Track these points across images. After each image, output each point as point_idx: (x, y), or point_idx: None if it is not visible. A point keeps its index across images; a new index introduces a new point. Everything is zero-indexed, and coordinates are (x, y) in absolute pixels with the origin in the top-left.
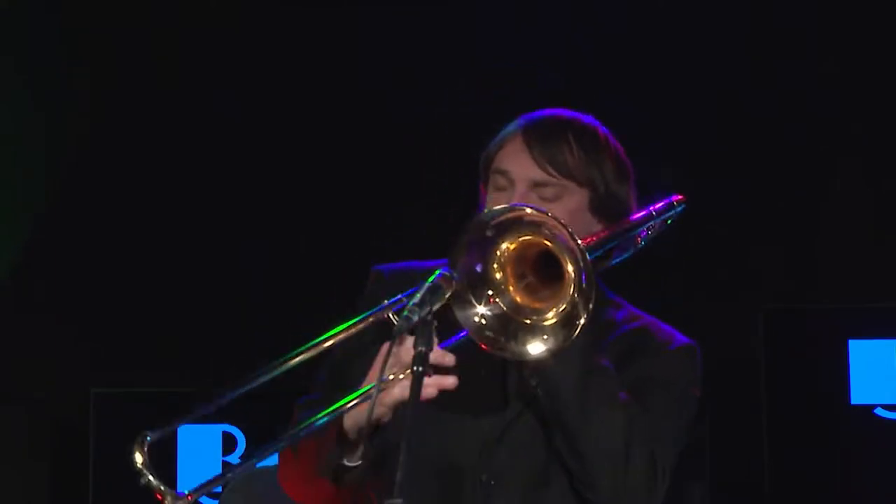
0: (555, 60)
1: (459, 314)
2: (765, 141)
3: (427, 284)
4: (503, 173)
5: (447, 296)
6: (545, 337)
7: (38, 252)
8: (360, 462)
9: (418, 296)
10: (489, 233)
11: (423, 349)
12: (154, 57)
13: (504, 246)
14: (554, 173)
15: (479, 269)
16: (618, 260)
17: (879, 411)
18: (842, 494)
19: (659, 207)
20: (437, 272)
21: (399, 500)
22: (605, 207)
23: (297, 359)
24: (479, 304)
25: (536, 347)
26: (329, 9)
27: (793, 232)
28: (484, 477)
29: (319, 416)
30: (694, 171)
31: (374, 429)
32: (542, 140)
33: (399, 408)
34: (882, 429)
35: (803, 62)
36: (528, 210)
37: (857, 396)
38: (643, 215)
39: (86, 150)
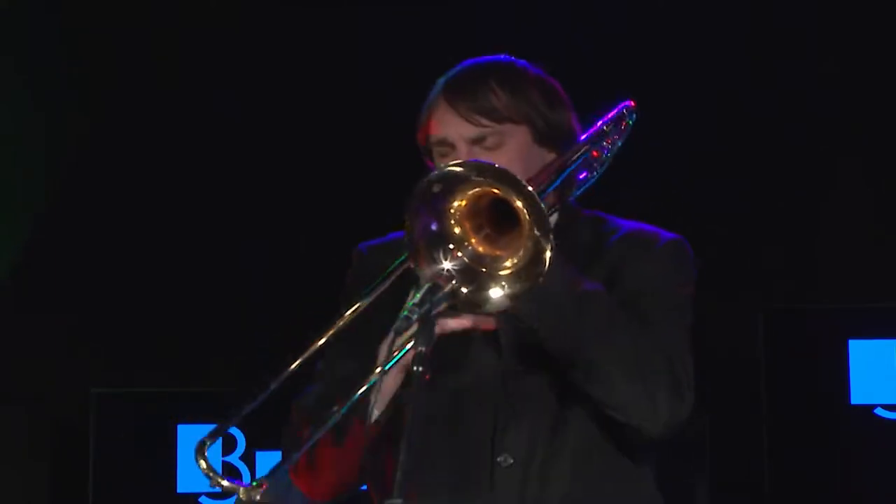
0: (555, 60)
1: (424, 272)
2: (765, 141)
3: (427, 284)
4: (440, 140)
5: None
6: (515, 282)
7: (38, 252)
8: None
9: (418, 295)
10: (436, 189)
11: (423, 349)
12: (154, 57)
13: (456, 202)
14: (486, 122)
15: (434, 227)
16: (586, 185)
17: (879, 411)
18: (842, 494)
19: (608, 119)
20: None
21: (399, 501)
22: (551, 137)
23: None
24: (444, 260)
25: (505, 292)
26: (329, 9)
27: (793, 232)
28: (500, 457)
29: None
30: (694, 171)
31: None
32: (463, 95)
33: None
34: (882, 429)
35: (803, 62)
36: (472, 162)
37: (857, 396)
38: (593, 131)
39: (86, 150)
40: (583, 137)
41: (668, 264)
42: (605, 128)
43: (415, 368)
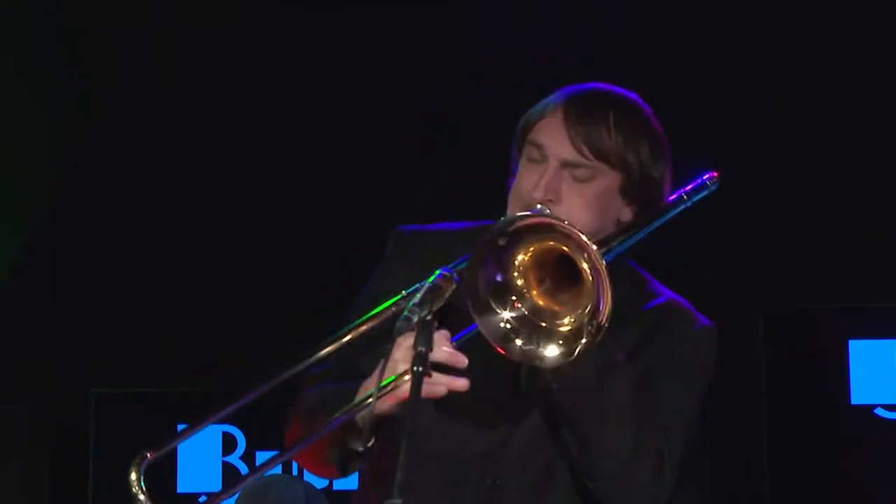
0: (555, 60)
1: (484, 323)
2: (765, 141)
3: (427, 284)
4: (538, 146)
5: (447, 296)
6: (571, 341)
7: (38, 252)
8: (365, 448)
9: (418, 296)
10: (502, 241)
11: (423, 349)
12: (154, 57)
13: (521, 255)
14: (588, 155)
15: (499, 278)
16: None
17: (879, 411)
18: (842, 495)
19: (690, 189)
20: (437, 272)
21: (398, 501)
22: (637, 191)
23: (323, 352)
24: (504, 310)
25: (561, 350)
26: (329, 9)
27: (793, 232)
28: (489, 478)
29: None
30: (694, 170)
31: (383, 420)
32: (580, 118)
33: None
34: (882, 429)
35: (803, 62)
36: (539, 218)
37: (857, 396)
38: (673, 199)
39: (86, 150)
40: (665, 202)
41: (695, 349)
42: (684, 196)
43: (415, 369)
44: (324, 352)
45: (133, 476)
